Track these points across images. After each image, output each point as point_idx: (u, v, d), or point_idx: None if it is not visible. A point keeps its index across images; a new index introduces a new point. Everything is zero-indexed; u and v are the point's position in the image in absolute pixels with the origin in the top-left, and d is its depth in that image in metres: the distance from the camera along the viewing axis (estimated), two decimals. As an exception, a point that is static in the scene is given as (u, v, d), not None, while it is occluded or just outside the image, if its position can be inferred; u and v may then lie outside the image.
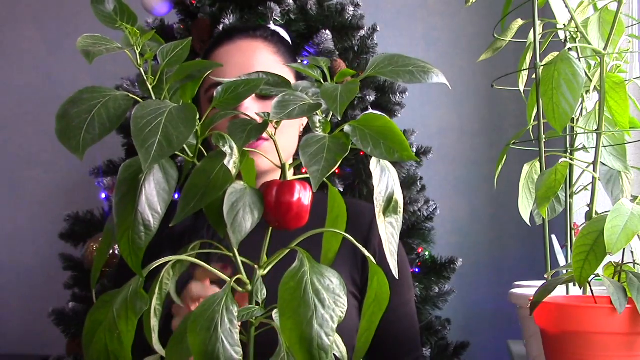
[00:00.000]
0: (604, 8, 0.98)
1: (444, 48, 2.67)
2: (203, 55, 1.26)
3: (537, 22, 1.00)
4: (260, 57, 1.23)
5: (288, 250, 0.64)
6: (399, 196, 0.64)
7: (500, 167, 1.07)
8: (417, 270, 2.02)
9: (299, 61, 1.91)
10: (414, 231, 2.03)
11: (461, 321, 2.44)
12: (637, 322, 0.78)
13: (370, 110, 1.84)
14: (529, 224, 1.08)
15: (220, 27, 1.86)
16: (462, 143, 2.63)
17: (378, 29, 2.10)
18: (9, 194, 2.83)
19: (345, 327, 0.67)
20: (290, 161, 1.13)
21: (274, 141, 0.63)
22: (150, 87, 0.61)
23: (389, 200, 0.63)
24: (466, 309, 2.50)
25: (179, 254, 0.67)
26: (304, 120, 1.23)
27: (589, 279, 0.83)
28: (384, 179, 0.63)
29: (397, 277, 0.64)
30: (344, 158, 0.57)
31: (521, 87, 1.09)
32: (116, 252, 1.82)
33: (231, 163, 0.58)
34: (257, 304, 0.64)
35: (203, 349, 0.55)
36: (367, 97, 1.95)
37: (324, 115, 0.61)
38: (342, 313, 0.56)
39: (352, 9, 2.04)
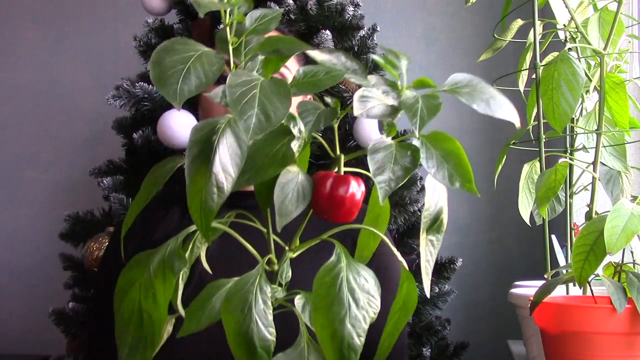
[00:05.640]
0: (604, 8, 0.98)
1: (444, 48, 2.67)
2: None
3: (537, 22, 1.00)
4: None
5: (319, 240, 0.63)
6: (445, 215, 0.62)
7: (500, 167, 1.07)
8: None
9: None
10: (414, 231, 2.03)
11: (461, 321, 2.44)
12: (637, 322, 0.78)
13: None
14: (529, 224, 1.08)
15: (221, 27, 1.86)
16: (462, 143, 2.59)
17: (378, 29, 2.10)
18: (9, 194, 2.82)
19: None
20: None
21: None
22: (230, 48, 0.59)
23: (435, 219, 0.62)
24: (466, 309, 2.50)
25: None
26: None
27: (589, 279, 0.83)
28: (435, 196, 0.61)
29: (428, 295, 0.63)
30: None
31: (521, 87, 1.09)
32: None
33: (296, 146, 0.57)
34: (280, 285, 0.63)
35: (237, 329, 0.55)
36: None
37: (390, 119, 0.59)
38: (375, 314, 0.55)
39: (352, 9, 2.04)
